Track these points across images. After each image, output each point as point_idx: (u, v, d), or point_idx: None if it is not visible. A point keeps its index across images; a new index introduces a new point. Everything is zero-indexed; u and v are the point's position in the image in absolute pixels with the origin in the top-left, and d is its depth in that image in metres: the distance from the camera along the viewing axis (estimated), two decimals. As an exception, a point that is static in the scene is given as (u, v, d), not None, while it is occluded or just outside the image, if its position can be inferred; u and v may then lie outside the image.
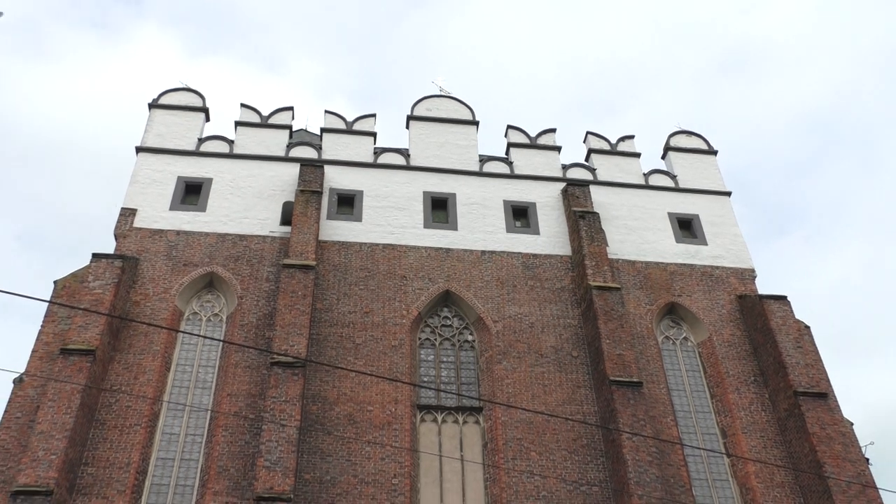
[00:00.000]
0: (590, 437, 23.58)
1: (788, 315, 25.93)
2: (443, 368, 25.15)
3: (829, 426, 23.12)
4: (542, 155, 31.29)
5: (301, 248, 25.36)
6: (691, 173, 31.70)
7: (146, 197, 27.27)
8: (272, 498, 19.69)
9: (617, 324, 24.81)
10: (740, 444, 24.02)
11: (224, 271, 25.71)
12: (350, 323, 25.02)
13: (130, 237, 26.07)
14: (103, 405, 22.18)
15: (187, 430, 22.67)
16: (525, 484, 22.40)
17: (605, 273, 26.33)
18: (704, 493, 23.31)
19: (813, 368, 24.62)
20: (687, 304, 27.30)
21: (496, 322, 25.81)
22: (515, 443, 23.19)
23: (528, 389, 24.29)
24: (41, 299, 11.52)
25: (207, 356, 24.22)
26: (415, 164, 30.03)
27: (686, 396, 25.42)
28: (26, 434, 20.56)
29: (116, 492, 20.75)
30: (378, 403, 23.32)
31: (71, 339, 21.95)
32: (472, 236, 28.05)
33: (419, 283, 26.41)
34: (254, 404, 22.58)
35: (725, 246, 29.32)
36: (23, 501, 18.77)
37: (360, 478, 21.84)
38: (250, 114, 30.50)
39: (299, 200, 26.81)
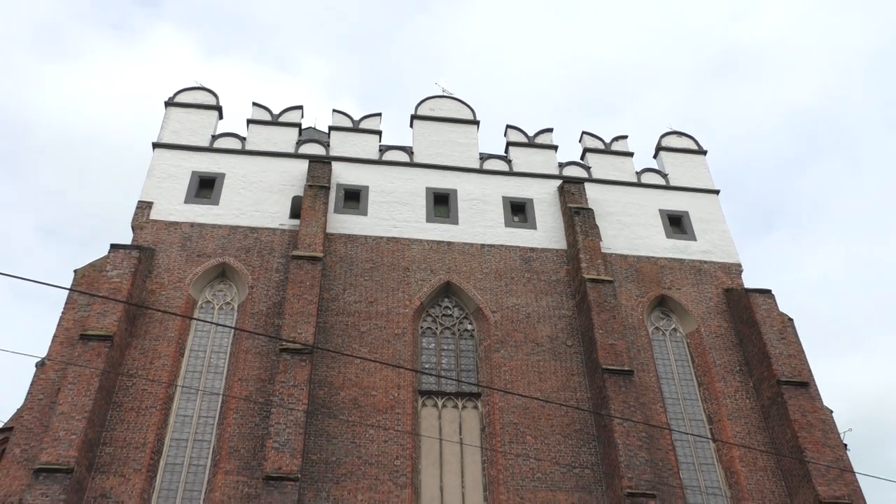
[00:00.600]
0: (583, 422, 23.65)
1: (773, 308, 25.99)
2: (443, 356, 25.20)
3: (809, 413, 23.17)
4: (539, 153, 31.29)
5: (309, 241, 25.40)
6: (681, 172, 31.72)
7: (162, 191, 27.30)
8: (280, 477, 19.78)
9: (609, 315, 24.87)
10: (726, 429, 24.09)
11: (236, 262, 25.76)
12: (355, 312, 25.07)
13: (147, 229, 26.11)
14: (120, 388, 22.26)
15: (200, 412, 22.74)
16: (521, 466, 22.48)
17: (598, 266, 26.38)
18: (691, 476, 23.37)
19: (795, 359, 24.70)
20: (676, 297, 27.34)
21: (494, 312, 25.86)
22: (512, 427, 23.26)
23: (524, 376, 24.36)
24: (62, 286, 11.62)
25: (219, 343, 24.28)
26: (418, 161, 30.04)
27: (674, 384, 25.47)
28: (48, 415, 20.67)
29: (133, 470, 20.86)
30: (381, 389, 23.38)
31: (90, 325, 22.02)
32: (472, 230, 28.07)
33: (421, 275, 26.46)
34: (263, 389, 22.65)
35: (713, 242, 29.35)
36: (45, 479, 18.87)
37: (363, 459, 21.92)
38: (262, 112, 30.51)
39: (308, 195, 26.84)
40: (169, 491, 21.14)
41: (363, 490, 21.32)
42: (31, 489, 18.77)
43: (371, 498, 21.22)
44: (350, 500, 21.12)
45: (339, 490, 21.22)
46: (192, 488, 21.26)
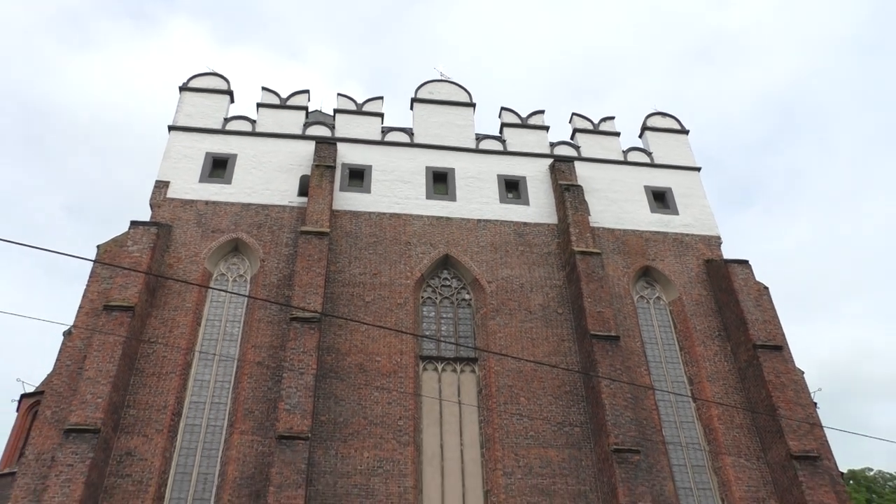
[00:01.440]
0: (572, 384, 23.84)
1: (749, 277, 26.08)
2: (442, 324, 25.34)
3: (783, 375, 23.35)
4: (532, 134, 31.23)
5: (316, 217, 25.46)
6: (665, 150, 31.67)
7: (178, 171, 27.30)
8: (292, 437, 20.00)
9: (597, 285, 24.97)
10: (705, 390, 24.30)
11: (248, 237, 25.83)
12: (360, 283, 25.18)
13: (164, 207, 26.16)
14: (142, 355, 22.43)
15: (217, 377, 22.92)
16: (515, 425, 22.71)
17: (587, 239, 26.44)
18: (673, 433, 23.61)
19: (770, 324, 24.85)
20: (660, 268, 27.42)
21: (490, 283, 25.99)
22: (507, 389, 23.45)
23: (518, 342, 24.51)
24: (86, 258, 11.73)
25: (234, 312, 24.40)
26: (418, 141, 29.99)
27: (658, 349, 25.65)
28: (75, 380, 20.84)
29: (155, 431, 21.10)
30: (385, 354, 23.56)
31: (113, 297, 22.14)
32: (469, 206, 28.10)
33: (422, 248, 26.54)
34: (275, 355, 22.82)
35: (695, 216, 29.38)
36: (74, 438, 19.11)
37: (369, 419, 22.14)
38: (270, 96, 30.40)
39: (315, 174, 26.84)
40: (189, 449, 21.39)
41: (369, 448, 21.56)
42: (62, 448, 19.03)
43: (376, 455, 21.46)
44: (357, 457, 21.37)
45: (347, 448, 21.47)
46: (210, 447, 21.50)
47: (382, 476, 21.11)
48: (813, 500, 20.62)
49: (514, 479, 21.60)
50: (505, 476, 21.62)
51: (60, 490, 18.27)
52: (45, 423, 20.45)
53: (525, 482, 21.58)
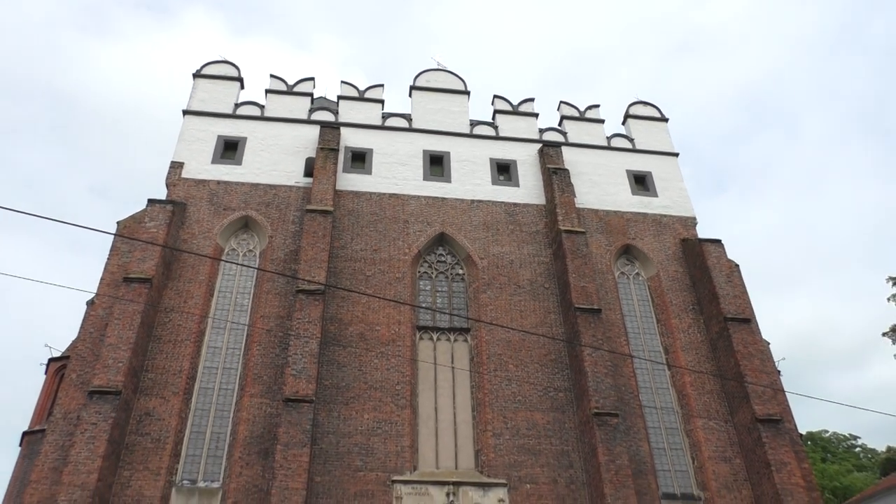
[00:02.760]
0: (557, 353, 24.05)
1: (722, 255, 26.17)
2: (438, 296, 25.47)
3: (750, 345, 23.56)
4: (522, 120, 31.15)
5: (321, 196, 25.47)
6: (646, 137, 31.61)
7: (192, 152, 27.23)
8: (298, 400, 20.23)
9: (581, 261, 25.09)
10: (679, 359, 24.54)
11: (257, 215, 25.86)
12: (361, 259, 25.26)
13: (179, 186, 26.14)
14: (159, 324, 22.57)
15: (228, 344, 23.06)
16: (504, 390, 22.95)
17: (572, 219, 26.51)
18: (649, 398, 23.86)
19: (740, 299, 24.99)
20: (639, 246, 27.51)
21: (482, 259, 26.09)
22: (497, 357, 23.65)
23: (507, 314, 24.66)
24: (107, 232, 11.85)
25: (244, 285, 24.49)
26: (416, 126, 29.92)
27: (636, 321, 25.81)
28: (98, 346, 20.98)
29: (172, 393, 21.31)
30: (384, 324, 23.71)
31: (131, 269, 22.24)
32: (463, 188, 28.11)
33: (419, 227, 26.60)
34: (282, 324, 22.94)
35: (672, 198, 29.42)
36: (97, 399, 19.32)
37: (369, 384, 22.35)
38: (278, 83, 30.23)
39: (319, 156, 26.81)
40: (203, 411, 21.61)
41: (369, 410, 21.80)
42: (87, 407, 19.25)
43: (375, 417, 21.70)
44: (357, 418, 21.61)
45: (348, 410, 21.70)
46: (222, 408, 21.72)
47: (381, 436, 21.36)
48: (774, 458, 20.98)
49: (502, 439, 21.89)
50: (494, 437, 21.89)
51: (86, 446, 18.51)
52: (70, 385, 20.65)
53: (513, 442, 21.87)
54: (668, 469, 22.42)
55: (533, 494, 20.95)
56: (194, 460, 20.67)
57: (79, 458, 18.30)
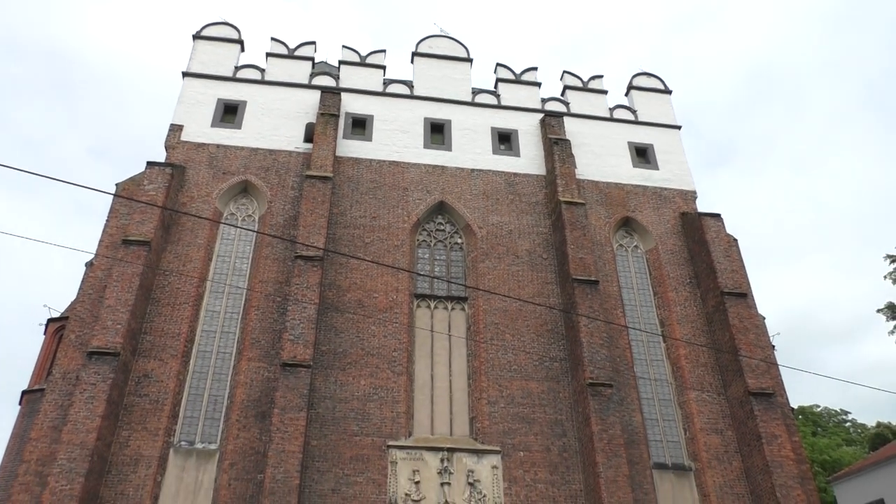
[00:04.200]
0: (553, 323, 24.18)
1: (721, 230, 26.15)
2: (436, 265, 25.50)
3: (746, 319, 23.68)
4: (524, 89, 30.87)
5: (321, 162, 25.34)
6: (649, 109, 31.33)
7: (191, 115, 27.01)
8: (295, 364, 20.38)
9: (580, 233, 25.07)
10: (675, 332, 24.63)
11: (256, 179, 25.76)
12: (360, 226, 25.24)
13: (178, 149, 25.98)
14: (157, 287, 22.61)
15: (226, 308, 23.14)
16: (500, 359, 23.11)
17: (572, 191, 26.42)
18: (643, 370, 24.05)
19: (737, 273, 25.02)
20: (639, 219, 27.47)
21: (481, 228, 26.07)
22: (493, 326, 23.77)
23: (505, 284, 24.71)
24: (106, 192, 11.77)
25: (242, 249, 24.49)
26: (417, 93, 29.64)
27: (633, 293, 25.89)
28: (97, 307, 21.05)
29: (170, 356, 21.45)
30: (382, 291, 23.78)
31: (130, 232, 22.21)
32: (463, 156, 27.96)
33: (418, 195, 26.52)
34: (280, 290, 22.99)
35: (673, 171, 29.27)
36: (96, 360, 19.47)
37: (366, 350, 22.50)
38: (279, 46, 29.86)
39: (319, 122, 26.61)
40: (201, 373, 21.77)
41: (365, 377, 21.98)
42: (86, 368, 19.39)
43: (372, 383, 21.88)
44: (354, 384, 21.79)
45: (345, 376, 21.88)
46: (220, 372, 21.88)
47: (377, 402, 21.57)
48: (766, 431, 21.24)
49: (497, 407, 22.11)
50: (489, 405, 22.11)
51: (85, 406, 18.69)
52: (69, 345, 20.77)
53: (507, 410, 22.09)
54: (660, 440, 22.70)
55: (526, 461, 21.24)
56: (192, 422, 20.88)
57: (78, 417, 18.50)
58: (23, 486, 18.39)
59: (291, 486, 18.51)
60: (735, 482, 21.75)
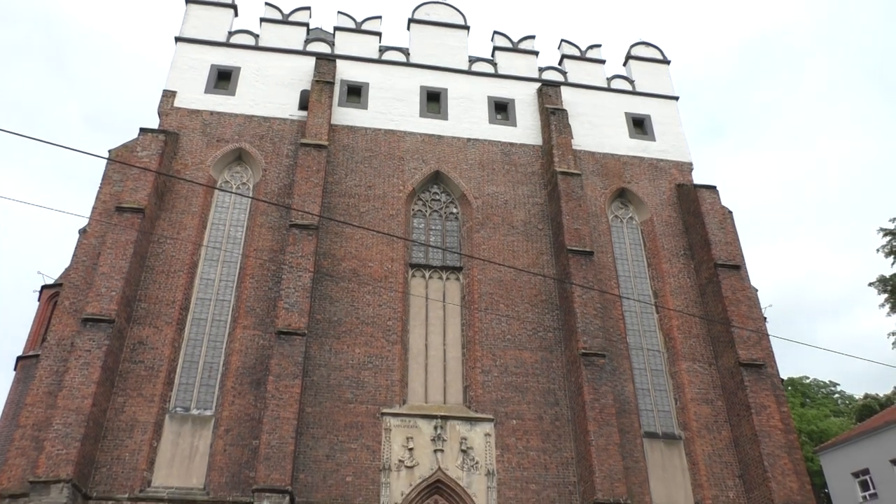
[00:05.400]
0: (548, 293, 24.29)
1: (716, 202, 26.19)
2: (431, 235, 25.49)
3: (738, 291, 23.83)
4: (522, 58, 30.56)
5: (316, 130, 25.15)
6: (647, 79, 31.07)
7: (184, 81, 26.69)
8: (290, 332, 20.47)
9: (576, 203, 25.05)
10: (668, 303, 24.79)
11: (251, 147, 25.58)
12: (355, 195, 25.15)
13: (171, 115, 25.73)
14: (152, 254, 22.57)
15: (221, 276, 23.12)
16: (494, 329, 23.25)
17: (568, 161, 26.34)
18: (636, 340, 24.24)
19: (731, 246, 25.11)
20: (634, 190, 27.45)
21: (477, 198, 26.02)
22: (488, 296, 23.87)
23: (500, 254, 24.73)
24: (101, 156, 11.69)
25: (237, 217, 24.41)
26: (414, 61, 29.32)
27: (628, 264, 25.92)
28: (91, 274, 21.01)
29: (165, 323, 21.50)
30: (377, 261, 23.80)
31: (124, 199, 22.10)
32: (459, 126, 27.78)
33: (414, 164, 26.41)
34: (275, 258, 23.00)
35: (670, 142, 29.15)
36: (91, 327, 19.51)
37: (361, 319, 22.58)
38: (273, 11, 29.38)
39: (314, 89, 26.35)
40: (196, 341, 21.86)
41: (360, 345, 22.10)
42: (81, 335, 19.45)
43: (366, 352, 22.01)
44: (349, 353, 21.92)
45: (340, 344, 22.00)
46: (215, 339, 21.96)
47: (372, 370, 21.73)
48: (755, 401, 21.53)
49: (490, 376, 22.30)
50: (483, 374, 22.30)
51: (80, 372, 18.78)
52: (64, 312, 20.78)
53: (501, 380, 22.29)
54: (651, 409, 22.97)
55: (518, 430, 21.50)
56: (187, 388, 21.02)
57: (73, 383, 18.59)
58: (19, 451, 18.56)
59: (286, 451, 18.72)
60: (724, 451, 22.09)
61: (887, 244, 31.66)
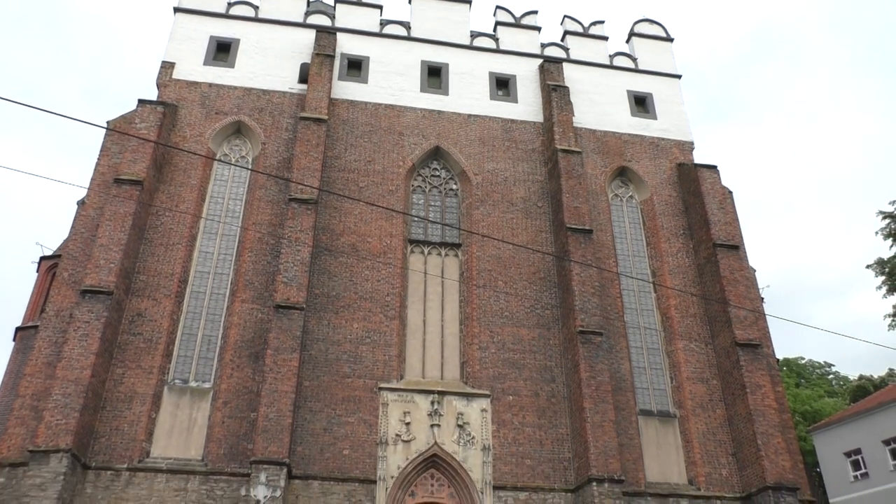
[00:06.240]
0: (546, 271, 24.32)
1: (716, 182, 26.11)
2: (430, 211, 25.44)
3: (737, 271, 23.87)
4: (524, 34, 30.26)
5: (315, 104, 24.98)
6: (649, 57, 30.80)
7: (183, 52, 26.44)
8: (288, 307, 20.54)
9: (576, 181, 24.98)
10: (666, 282, 24.83)
11: (250, 120, 25.42)
12: (355, 170, 25.07)
13: (170, 87, 25.54)
14: (150, 227, 22.55)
15: (220, 249, 23.13)
16: (492, 306, 23.33)
17: (569, 139, 26.22)
18: (633, 319, 24.34)
19: (730, 226, 25.09)
20: (635, 168, 27.35)
21: (477, 175, 25.94)
22: (486, 273, 23.90)
23: (499, 231, 24.70)
24: (99, 125, 11.62)
25: (236, 191, 24.35)
26: (415, 35, 29.03)
27: (626, 243, 25.93)
28: (90, 246, 21.00)
29: (163, 295, 21.55)
30: (376, 236, 23.80)
31: (123, 171, 22.01)
32: (460, 101, 27.60)
33: (414, 139, 26.28)
34: (274, 232, 22.98)
35: (672, 121, 28.99)
36: (90, 298, 19.55)
37: (359, 294, 22.64)
38: (273, -18, 29.01)
39: (315, 62, 26.12)
40: (194, 314, 21.93)
41: (358, 320, 22.17)
42: (79, 306, 19.49)
43: (365, 327, 22.10)
44: (347, 327, 22.00)
45: (338, 319, 22.07)
46: (213, 312, 22.03)
47: (370, 345, 21.83)
48: (750, 381, 21.68)
49: (488, 352, 22.42)
50: (480, 350, 22.41)
51: (79, 343, 18.86)
52: (62, 283, 20.82)
53: (498, 356, 22.41)
54: (646, 387, 23.13)
55: (515, 406, 21.66)
56: (186, 361, 21.13)
57: (72, 354, 18.67)
58: (19, 420, 18.69)
59: (284, 424, 18.87)
60: (718, 429, 22.29)
61: (886, 227, 31.67)
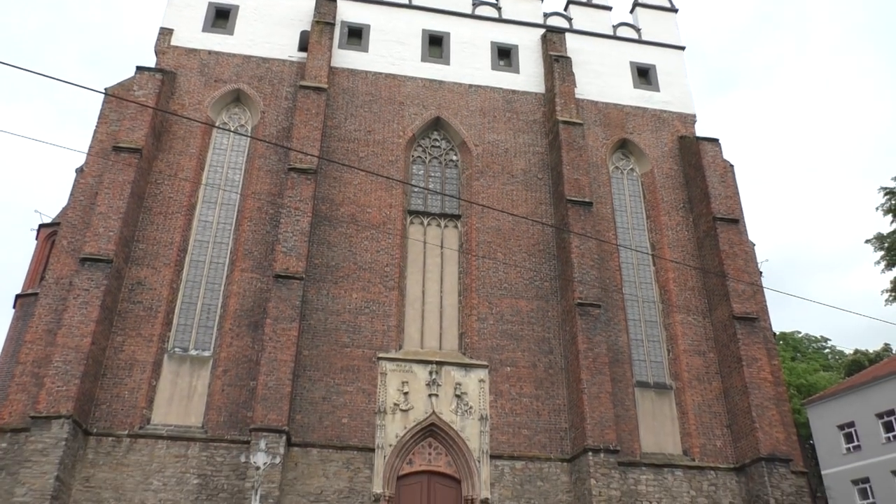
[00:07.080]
0: (545, 243, 24.31)
1: (718, 155, 25.97)
2: (430, 182, 25.35)
3: (736, 245, 23.86)
4: (526, 2, 29.79)
5: (315, 73, 24.74)
6: (653, 28, 30.42)
7: (182, 18, 26.09)
8: (288, 276, 20.58)
9: (577, 153, 24.84)
10: (665, 255, 24.81)
11: (249, 89, 25.20)
12: (355, 139, 24.91)
13: (169, 54, 25.26)
14: (150, 195, 22.49)
15: (219, 219, 23.09)
16: (491, 277, 23.36)
17: (571, 110, 26.00)
18: (632, 292, 24.38)
19: (731, 199, 25.03)
20: (636, 141, 27.18)
21: (477, 146, 25.79)
22: (486, 245, 23.89)
23: (499, 203, 24.62)
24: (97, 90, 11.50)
25: (235, 160, 24.23)
26: (416, 3, 28.61)
27: (626, 216, 25.87)
28: (89, 214, 20.99)
29: (163, 264, 21.56)
30: (375, 207, 23.74)
31: (121, 138, 21.87)
32: (461, 71, 27.33)
33: (414, 109, 26.07)
34: (273, 202, 22.92)
35: (674, 94, 28.74)
36: (89, 266, 19.57)
37: (359, 265, 22.66)
38: (272, -53, 28.50)
39: (315, 30, 25.79)
40: (194, 283, 21.98)
41: (357, 290, 22.23)
42: (79, 274, 19.52)
43: (364, 297, 22.17)
44: (346, 297, 22.07)
45: (338, 289, 22.12)
46: (213, 281, 22.08)
47: (369, 315, 21.90)
48: (746, 354, 21.81)
49: (486, 324, 22.51)
50: (479, 321, 22.50)
51: (79, 311, 18.92)
52: (62, 251, 20.82)
53: (496, 327, 22.51)
54: (643, 359, 23.27)
55: (512, 376, 21.81)
56: (185, 329, 21.22)
57: (72, 321, 18.74)
58: (20, 387, 18.83)
59: (283, 393, 19.01)
60: (713, 401, 22.47)
61: (886, 202, 31.59)
